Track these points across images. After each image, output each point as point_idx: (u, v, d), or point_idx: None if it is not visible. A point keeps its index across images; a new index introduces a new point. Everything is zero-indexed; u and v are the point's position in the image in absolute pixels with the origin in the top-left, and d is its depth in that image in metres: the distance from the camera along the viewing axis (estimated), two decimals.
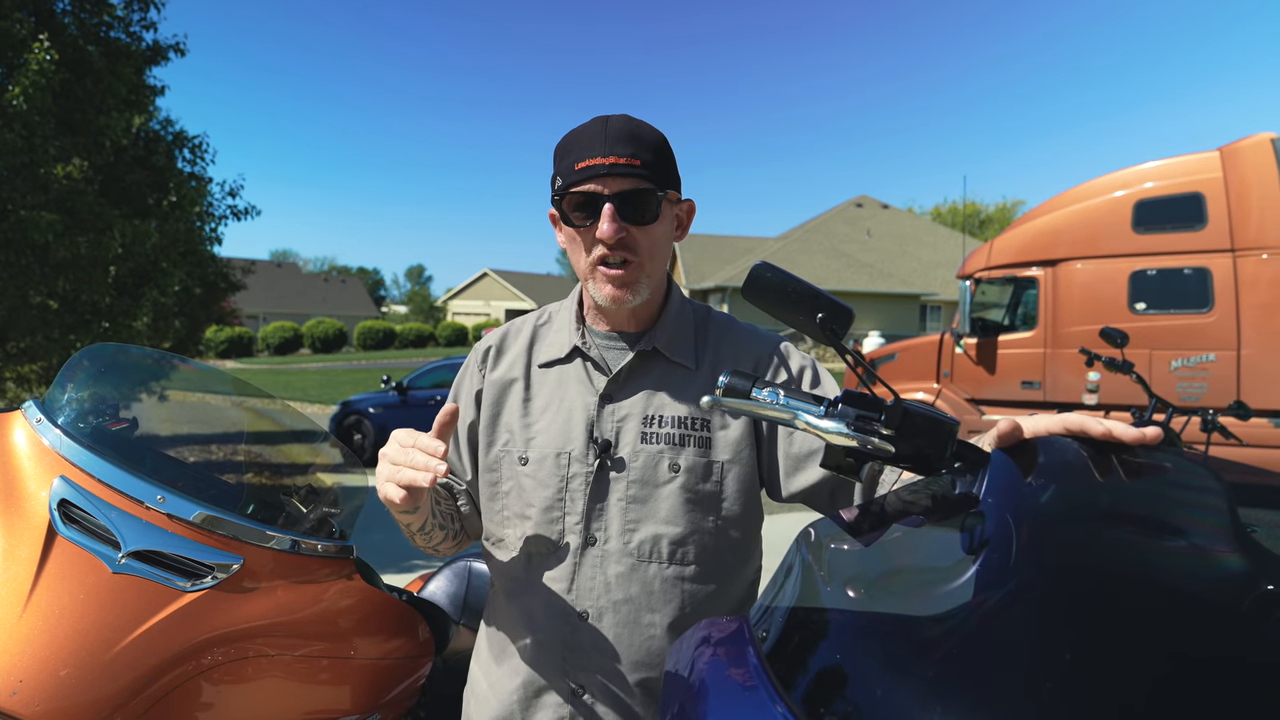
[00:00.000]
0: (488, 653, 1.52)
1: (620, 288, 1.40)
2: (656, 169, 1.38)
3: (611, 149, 1.34)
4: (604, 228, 1.34)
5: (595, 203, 1.35)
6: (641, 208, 1.37)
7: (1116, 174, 9.72)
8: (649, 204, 1.37)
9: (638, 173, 1.35)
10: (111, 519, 1.36)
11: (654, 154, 1.38)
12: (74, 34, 9.55)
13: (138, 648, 1.27)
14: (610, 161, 1.34)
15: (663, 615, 1.38)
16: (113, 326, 10.46)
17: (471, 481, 1.58)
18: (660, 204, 1.39)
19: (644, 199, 1.36)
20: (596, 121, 1.39)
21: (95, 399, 1.64)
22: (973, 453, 0.98)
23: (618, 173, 1.34)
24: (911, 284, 36.26)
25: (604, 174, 1.34)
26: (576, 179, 1.35)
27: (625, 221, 1.36)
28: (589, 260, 1.40)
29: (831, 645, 0.85)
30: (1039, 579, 0.79)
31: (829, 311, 1.14)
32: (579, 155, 1.36)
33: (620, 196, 1.35)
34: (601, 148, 1.34)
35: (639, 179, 1.35)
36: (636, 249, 1.39)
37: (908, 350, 11.42)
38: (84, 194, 9.25)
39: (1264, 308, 8.65)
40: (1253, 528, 0.92)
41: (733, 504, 1.43)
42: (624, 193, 1.35)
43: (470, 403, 1.56)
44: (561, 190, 1.38)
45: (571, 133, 1.41)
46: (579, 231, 1.39)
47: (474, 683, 1.54)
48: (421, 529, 1.45)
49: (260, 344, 49.70)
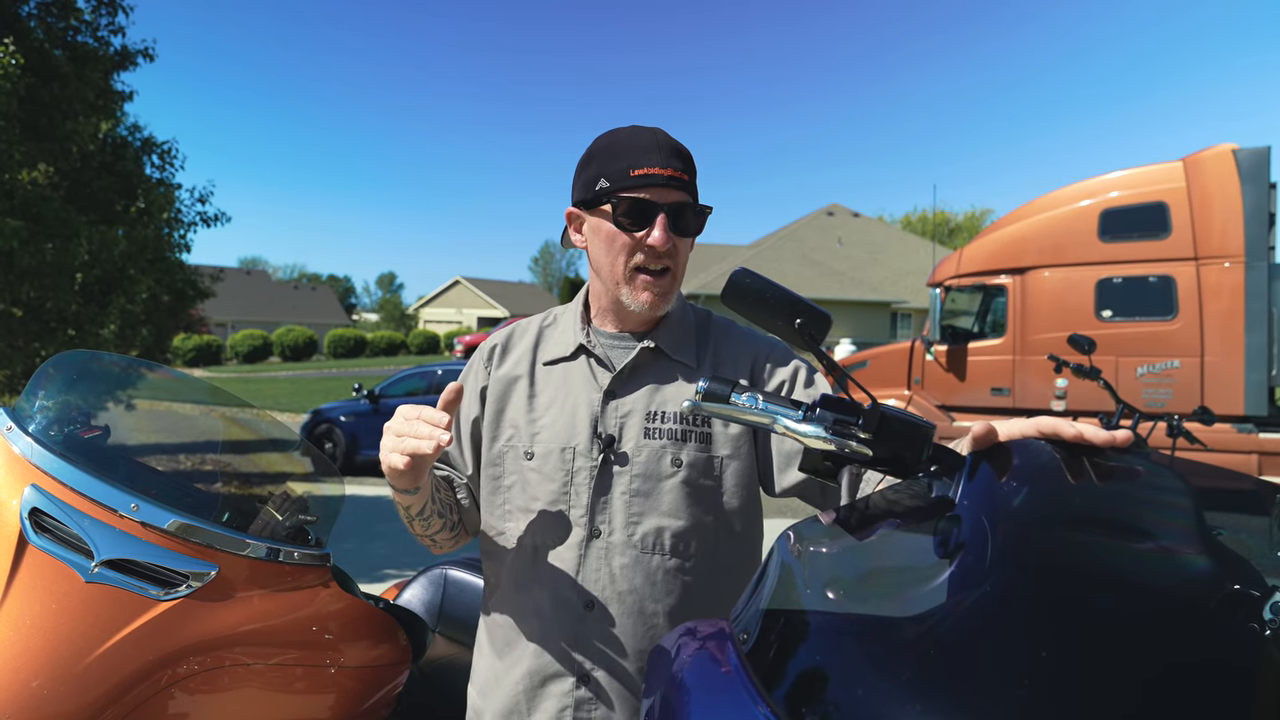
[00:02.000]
0: (490, 645, 1.53)
1: (657, 295, 1.46)
2: (695, 186, 1.46)
3: (668, 161, 1.41)
4: (657, 235, 1.40)
5: (648, 210, 1.41)
6: (689, 221, 1.45)
7: (1083, 183, 9.89)
8: (694, 219, 1.45)
9: (688, 187, 1.43)
10: (84, 527, 1.34)
11: (693, 171, 1.47)
12: (40, 38, 9.41)
13: (111, 658, 1.26)
14: (668, 174, 1.40)
15: (666, 605, 1.42)
16: (79, 334, 10.30)
17: (472, 477, 1.60)
18: (703, 218, 1.47)
19: (692, 213, 1.45)
20: (645, 131, 1.45)
21: (67, 406, 1.62)
22: (948, 456, 1.00)
23: (673, 185, 1.41)
24: (882, 292, 36.57)
25: (661, 184, 1.40)
26: (632, 184, 1.40)
27: (673, 232, 1.42)
28: (628, 265, 1.45)
29: (812, 646, 0.85)
30: (1014, 580, 0.80)
31: (807, 317, 1.15)
32: (634, 162, 1.41)
33: (674, 208, 1.42)
34: (659, 159, 1.40)
35: (685, 192, 1.43)
36: (677, 259, 1.47)
37: (879, 358, 11.51)
38: (50, 200, 9.10)
39: (1226, 315, 8.82)
40: (1218, 530, 0.94)
41: (732, 498, 1.47)
42: (677, 205, 1.42)
43: (474, 399, 1.58)
44: (613, 192, 1.42)
45: (615, 138, 1.46)
46: (626, 235, 1.43)
47: (477, 674, 1.56)
48: (420, 513, 1.47)
49: (229, 352, 49.10)
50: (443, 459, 1.62)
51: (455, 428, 1.58)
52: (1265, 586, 0.79)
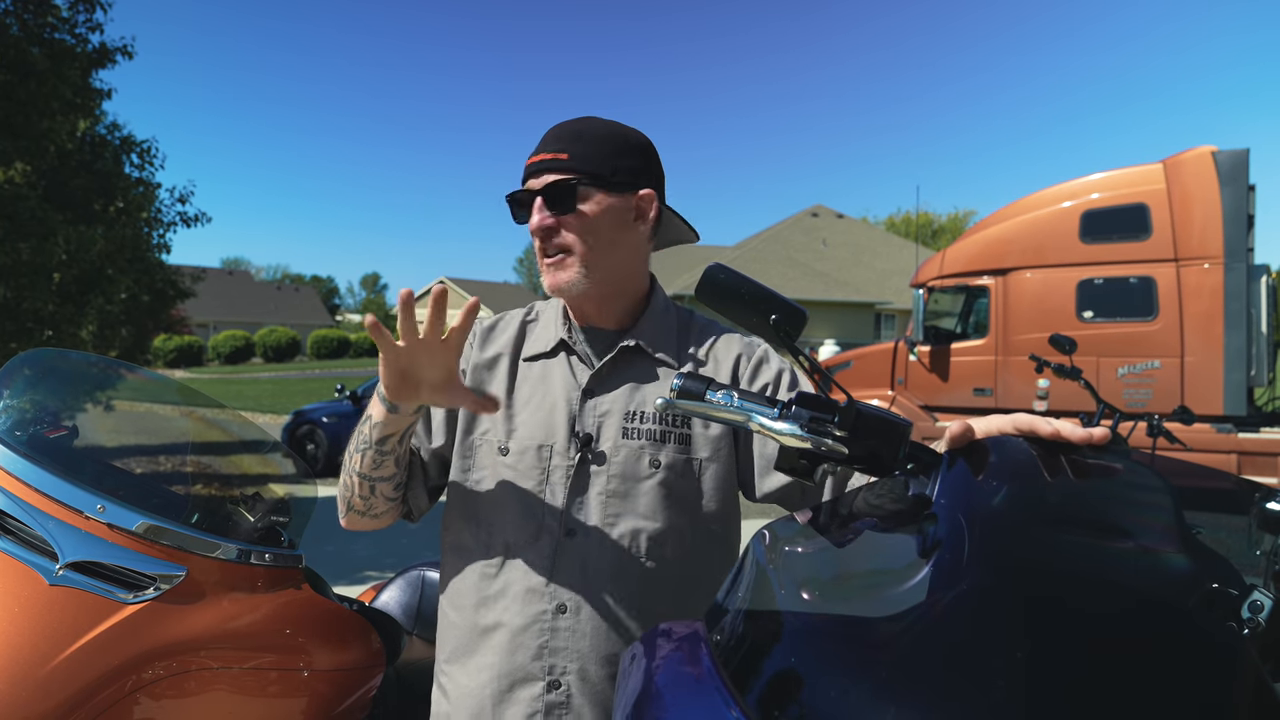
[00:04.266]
0: (455, 647, 1.47)
1: (555, 275, 1.44)
2: (591, 160, 1.42)
3: (546, 147, 1.43)
4: (533, 220, 1.42)
5: (526, 200, 1.44)
6: (560, 197, 1.42)
7: (1064, 185, 9.93)
8: (567, 193, 1.42)
9: (563, 165, 1.41)
10: (49, 529, 1.32)
11: (592, 146, 1.43)
12: (16, 35, 9.31)
13: (75, 662, 1.23)
14: (541, 159, 1.42)
15: (640, 608, 1.39)
16: (57, 335, 10.19)
17: (434, 452, 1.53)
18: (576, 191, 1.42)
19: (563, 189, 1.42)
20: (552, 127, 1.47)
21: (33, 405, 1.59)
22: (925, 454, 0.99)
23: (546, 167, 1.42)
24: (866, 293, 36.70)
25: (536, 171, 1.43)
26: (522, 179, 1.45)
27: (553, 212, 1.42)
28: (537, 254, 1.47)
29: (786, 647, 0.84)
30: (991, 579, 0.79)
31: (782, 313, 1.14)
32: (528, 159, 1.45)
33: (545, 190, 1.41)
34: (540, 148, 1.44)
35: (562, 171, 1.41)
36: (565, 237, 1.43)
37: (862, 358, 11.54)
38: (26, 199, 9.00)
39: (1206, 316, 8.88)
40: (1197, 528, 0.94)
41: (710, 501, 1.44)
42: (547, 185, 1.41)
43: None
44: (512, 194, 1.46)
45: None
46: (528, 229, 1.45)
47: (440, 678, 1.50)
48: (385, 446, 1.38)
49: (211, 353, 48.82)
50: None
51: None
52: (1243, 585, 0.78)
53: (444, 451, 1.53)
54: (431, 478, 1.54)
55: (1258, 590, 0.76)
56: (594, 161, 1.43)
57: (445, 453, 1.53)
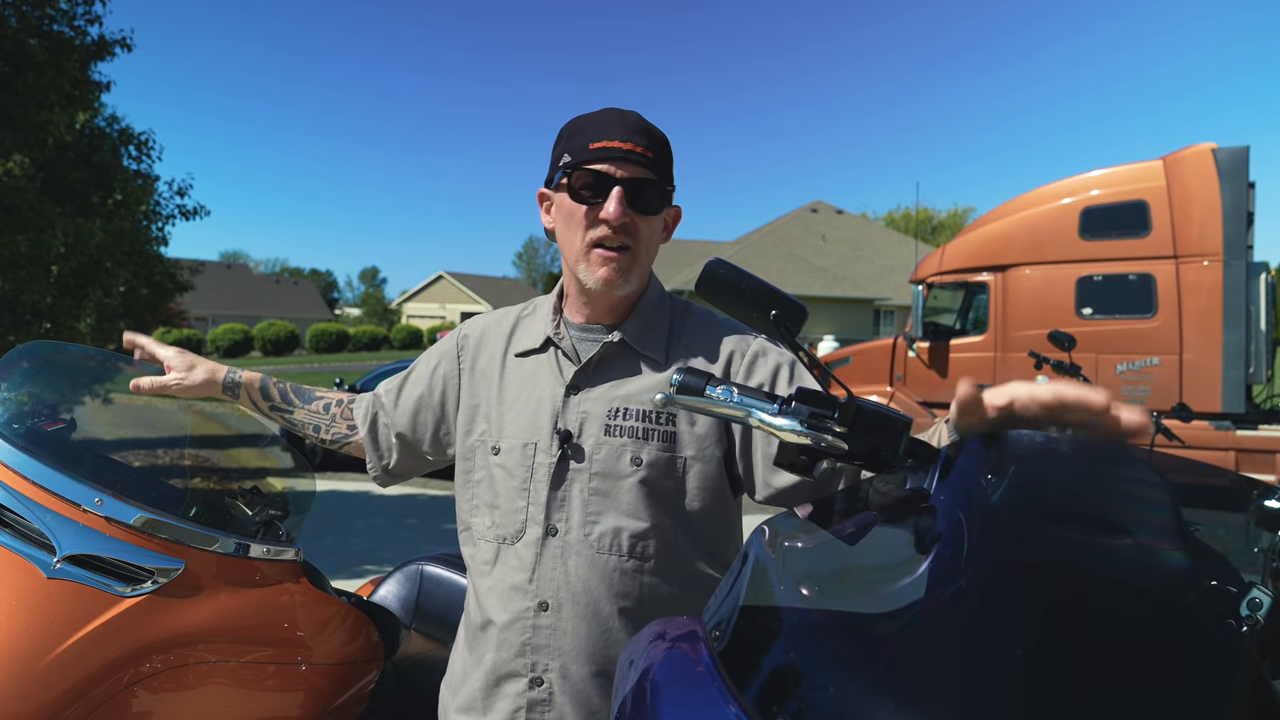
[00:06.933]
0: (463, 640, 1.53)
1: (614, 271, 1.41)
2: (663, 165, 1.42)
3: (629, 136, 1.38)
4: (610, 208, 1.36)
5: (605, 183, 1.37)
6: (649, 197, 1.40)
7: (1064, 181, 9.94)
8: (656, 195, 1.41)
9: (649, 163, 1.39)
10: (46, 522, 1.31)
11: (662, 150, 1.43)
12: (14, 26, 9.28)
13: (72, 655, 1.23)
14: (627, 147, 1.37)
15: (621, 607, 1.38)
16: (55, 328, 10.16)
17: (399, 434, 1.64)
18: (666, 198, 1.43)
19: (652, 189, 1.40)
20: (612, 110, 1.43)
21: (30, 398, 1.59)
22: (924, 450, 0.98)
23: (632, 159, 1.37)
24: (865, 289, 36.67)
25: (619, 158, 1.37)
26: (590, 157, 1.38)
27: (631, 208, 1.38)
28: (585, 240, 1.41)
29: (785, 644, 0.84)
30: (989, 575, 0.79)
31: (782, 309, 1.14)
32: (594, 136, 1.39)
33: (631, 182, 1.38)
34: (620, 133, 1.38)
35: (650, 169, 1.39)
36: (636, 236, 1.41)
37: (862, 354, 11.55)
38: (24, 191, 8.97)
39: (1205, 313, 8.89)
40: (1196, 525, 0.94)
41: (695, 500, 1.42)
42: (635, 179, 1.38)
43: (429, 374, 1.63)
44: (571, 165, 1.39)
45: (583, 116, 1.45)
46: (582, 209, 1.40)
47: (449, 669, 1.56)
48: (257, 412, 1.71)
49: (209, 346, 48.72)
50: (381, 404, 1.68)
51: (403, 380, 1.66)
52: (1242, 583, 0.78)
53: (406, 435, 1.64)
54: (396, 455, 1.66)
55: (1256, 587, 0.76)
56: (667, 168, 1.43)
57: (408, 437, 1.64)
